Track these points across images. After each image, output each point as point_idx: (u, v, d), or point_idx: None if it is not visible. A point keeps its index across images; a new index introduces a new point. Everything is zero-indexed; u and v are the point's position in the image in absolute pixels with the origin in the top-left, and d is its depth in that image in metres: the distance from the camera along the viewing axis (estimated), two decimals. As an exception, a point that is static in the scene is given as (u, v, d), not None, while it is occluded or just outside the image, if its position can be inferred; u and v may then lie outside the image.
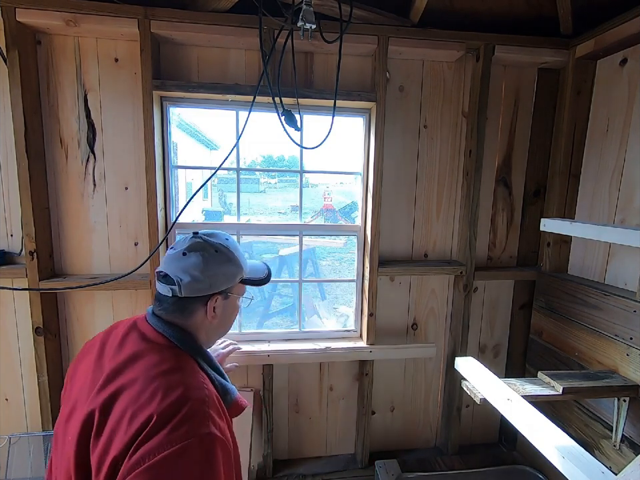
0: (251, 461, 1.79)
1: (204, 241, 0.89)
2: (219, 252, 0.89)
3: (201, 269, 0.85)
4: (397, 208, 1.87)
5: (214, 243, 0.90)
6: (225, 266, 0.90)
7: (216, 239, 0.92)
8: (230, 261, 0.91)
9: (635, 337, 1.36)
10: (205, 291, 0.86)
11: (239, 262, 0.94)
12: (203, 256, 0.87)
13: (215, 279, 0.87)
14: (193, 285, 0.85)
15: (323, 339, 1.91)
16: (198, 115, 12.06)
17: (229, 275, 0.91)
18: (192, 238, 0.90)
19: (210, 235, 0.93)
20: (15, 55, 1.46)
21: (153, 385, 0.73)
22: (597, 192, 1.70)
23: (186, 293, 0.85)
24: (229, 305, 0.94)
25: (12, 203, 1.63)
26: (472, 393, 1.38)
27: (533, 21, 1.74)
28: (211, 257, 0.88)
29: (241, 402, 0.90)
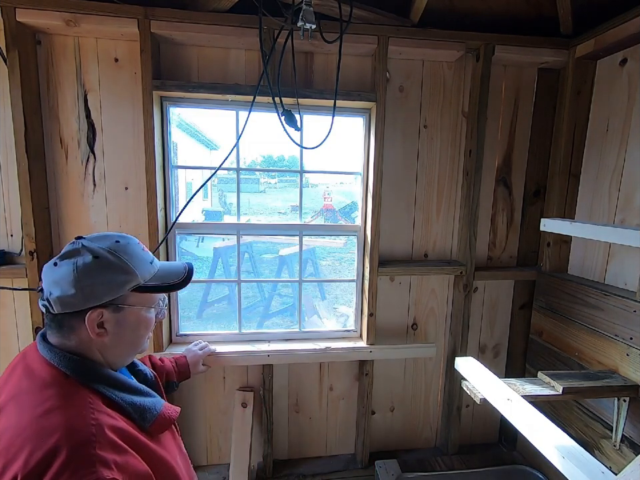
0: (251, 461, 1.80)
1: (82, 246, 0.75)
2: (99, 258, 0.74)
3: (71, 279, 0.72)
4: (397, 208, 1.87)
5: (94, 247, 0.75)
6: (105, 274, 0.74)
7: (101, 242, 0.77)
8: (113, 267, 0.75)
9: (635, 337, 1.36)
10: (79, 305, 0.72)
11: (129, 267, 0.77)
12: (75, 264, 0.73)
13: (90, 289, 0.72)
14: (63, 300, 0.72)
15: (323, 339, 1.91)
16: (198, 114, 12.07)
17: (112, 285, 0.75)
18: (70, 243, 0.77)
19: (95, 238, 0.78)
20: (14, 55, 1.46)
21: (22, 436, 0.62)
22: (597, 192, 1.70)
23: (58, 309, 0.72)
24: (127, 318, 0.79)
25: (12, 203, 1.63)
26: (472, 393, 1.38)
27: (532, 21, 1.74)
28: (86, 265, 0.73)
29: (168, 414, 0.81)
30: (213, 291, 5.28)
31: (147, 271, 0.81)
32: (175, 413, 0.84)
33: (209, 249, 7.08)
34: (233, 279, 1.87)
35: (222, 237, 5.64)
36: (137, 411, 0.76)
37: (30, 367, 0.74)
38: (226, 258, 4.89)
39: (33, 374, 0.72)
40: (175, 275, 0.89)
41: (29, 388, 0.70)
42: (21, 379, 0.72)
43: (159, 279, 0.84)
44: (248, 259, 5.49)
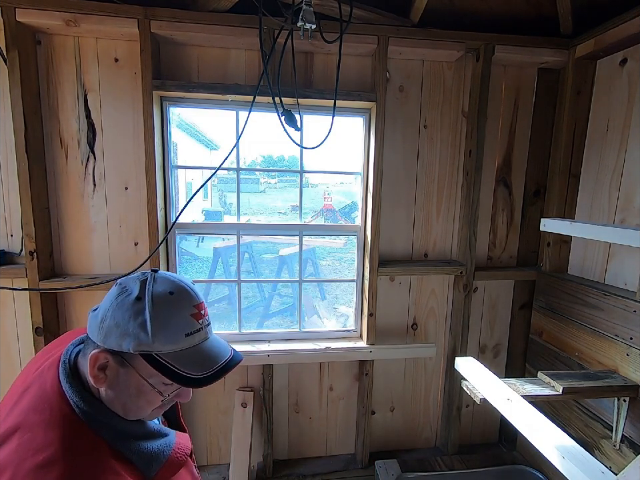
0: (251, 461, 1.80)
1: (141, 282, 0.66)
2: (140, 300, 0.64)
3: (107, 306, 0.64)
4: (396, 208, 1.87)
5: (147, 288, 0.65)
6: (126, 319, 0.62)
7: (162, 285, 0.66)
8: (136, 317, 0.63)
9: (635, 337, 1.36)
10: (95, 337, 0.64)
11: (148, 325, 0.62)
12: (117, 297, 0.64)
13: (109, 328, 0.63)
14: (94, 322, 0.64)
15: (323, 339, 1.91)
16: (198, 114, 12.06)
17: (123, 334, 0.62)
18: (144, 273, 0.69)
19: (167, 277, 0.68)
20: (15, 55, 1.46)
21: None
22: (597, 192, 1.70)
23: (88, 332, 0.66)
24: (129, 379, 0.66)
25: (12, 203, 1.63)
26: (472, 393, 1.38)
27: (532, 21, 1.74)
28: (123, 301, 0.64)
29: (177, 458, 0.72)
30: (213, 291, 5.28)
31: (170, 341, 0.64)
32: (183, 454, 0.73)
33: (208, 249, 7.08)
34: (233, 279, 1.87)
35: (222, 237, 5.64)
36: (143, 460, 0.67)
37: (43, 394, 0.65)
38: (226, 258, 4.89)
39: (43, 407, 0.64)
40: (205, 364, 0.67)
41: (36, 424, 0.62)
42: (29, 409, 0.64)
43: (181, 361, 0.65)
44: (248, 259, 5.49)
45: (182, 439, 0.76)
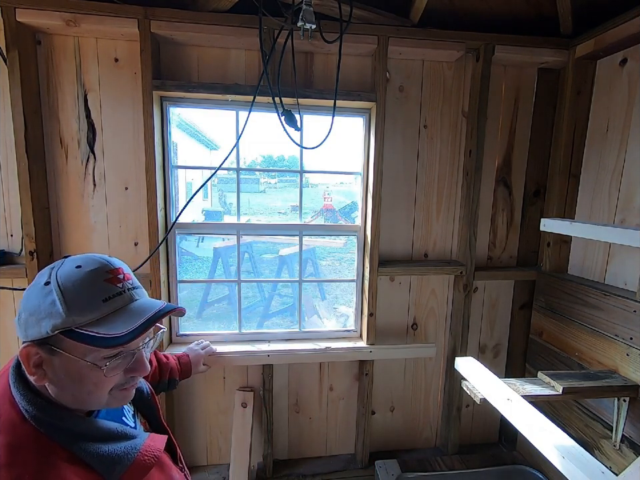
0: (251, 461, 1.80)
1: (51, 267, 0.65)
2: (47, 284, 0.62)
3: (22, 305, 0.63)
4: (397, 208, 1.87)
5: (55, 272, 0.63)
6: (37, 305, 0.61)
7: (67, 264, 0.64)
8: (45, 299, 0.60)
9: (635, 337, 1.36)
10: (21, 336, 0.63)
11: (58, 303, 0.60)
12: (30, 287, 0.64)
13: (25, 321, 0.62)
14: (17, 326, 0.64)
15: (323, 339, 1.91)
16: (198, 114, 12.06)
17: (37, 318, 0.60)
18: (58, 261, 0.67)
19: (75, 257, 0.66)
20: (15, 54, 1.46)
21: None
22: (597, 192, 1.70)
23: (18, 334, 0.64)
24: (65, 365, 0.62)
25: (12, 203, 1.63)
26: (472, 393, 1.38)
27: (532, 21, 1.74)
28: (32, 291, 0.63)
29: (146, 459, 0.67)
30: (213, 291, 5.28)
31: (88, 310, 0.61)
32: (152, 457, 0.68)
33: (209, 249, 7.08)
34: (233, 279, 1.87)
35: (222, 237, 5.64)
36: (104, 463, 0.63)
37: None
38: (226, 258, 4.89)
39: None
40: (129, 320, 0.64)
41: None
42: None
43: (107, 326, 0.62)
44: (248, 259, 5.49)
45: (153, 440, 0.71)
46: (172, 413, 1.84)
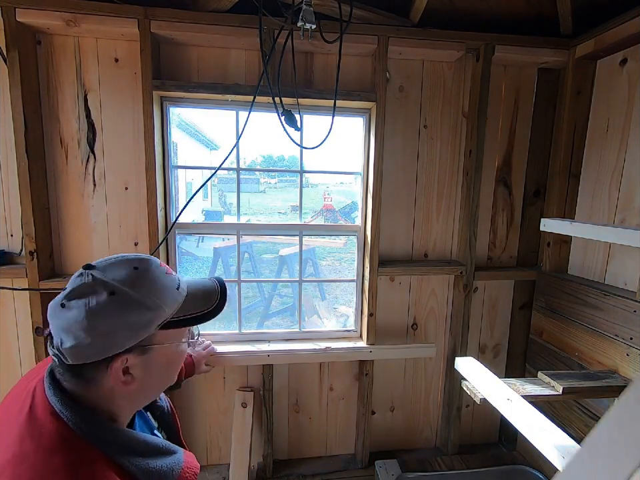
0: (251, 461, 1.80)
1: (93, 280, 0.61)
2: (115, 294, 0.60)
3: (85, 325, 0.58)
4: (396, 208, 1.87)
5: (108, 281, 0.61)
6: (125, 315, 0.60)
7: (115, 271, 0.62)
8: (134, 305, 0.61)
9: (635, 337, 1.36)
10: (98, 356, 0.60)
11: (154, 301, 0.63)
12: (88, 305, 0.59)
13: (109, 336, 0.60)
14: (78, 351, 0.59)
15: (323, 339, 1.91)
16: (198, 114, 12.05)
17: (135, 326, 0.61)
18: (78, 276, 0.62)
19: (109, 265, 0.63)
20: (15, 54, 1.46)
21: None
22: (597, 192, 1.70)
23: (73, 361, 0.59)
24: (155, 358, 0.66)
25: (12, 203, 1.63)
26: (472, 393, 1.38)
27: (532, 21, 1.74)
28: (101, 306, 0.59)
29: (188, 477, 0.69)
30: (213, 291, 5.27)
31: (174, 301, 0.67)
32: (193, 474, 0.70)
33: (209, 249, 7.07)
34: (233, 279, 1.87)
35: (222, 237, 5.63)
36: (151, 478, 0.63)
37: (35, 420, 0.60)
38: (226, 258, 4.89)
39: (39, 431, 0.58)
40: (208, 298, 0.74)
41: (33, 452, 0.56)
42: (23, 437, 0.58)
43: (186, 309, 0.69)
44: (248, 259, 5.48)
45: (190, 457, 0.73)
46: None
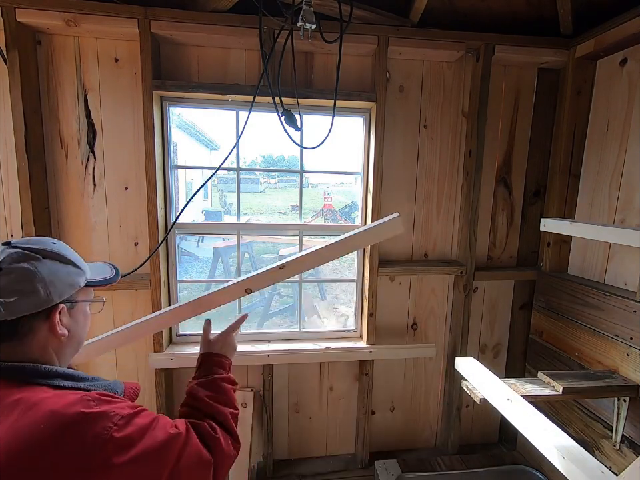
0: (251, 461, 1.79)
1: (23, 250, 0.72)
2: (47, 257, 0.74)
3: (31, 279, 0.69)
4: (397, 208, 1.87)
5: (38, 248, 0.74)
6: (62, 271, 0.75)
7: (38, 244, 0.76)
8: (66, 264, 0.76)
9: (634, 337, 1.36)
10: (42, 305, 0.70)
11: (79, 265, 0.79)
12: (33, 265, 0.71)
13: (52, 287, 0.72)
14: (23, 302, 0.68)
15: (323, 339, 1.91)
16: (198, 114, 12.06)
17: (70, 280, 0.76)
18: (6, 250, 0.72)
19: (28, 242, 0.76)
20: (15, 54, 1.46)
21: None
22: (597, 192, 1.69)
23: (16, 314, 0.68)
24: (77, 314, 0.80)
25: (12, 203, 1.63)
26: (472, 393, 1.38)
27: (533, 21, 1.74)
28: (43, 264, 0.72)
29: (133, 385, 0.83)
30: (213, 291, 5.27)
31: (86, 268, 0.83)
32: (136, 389, 0.84)
33: (208, 249, 7.06)
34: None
35: (222, 237, 5.63)
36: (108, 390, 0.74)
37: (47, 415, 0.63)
38: (226, 258, 4.89)
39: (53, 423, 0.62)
40: (105, 271, 0.91)
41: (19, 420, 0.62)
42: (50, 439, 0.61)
43: (95, 275, 0.86)
44: (248, 259, 5.48)
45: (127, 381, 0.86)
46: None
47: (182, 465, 0.70)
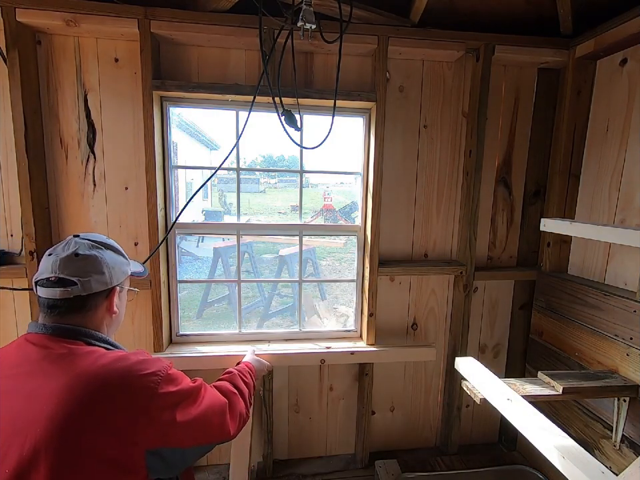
0: (251, 461, 1.79)
1: (90, 241, 0.93)
2: (108, 248, 0.95)
3: (102, 265, 0.90)
4: (397, 208, 1.87)
5: (100, 241, 0.95)
6: (119, 260, 0.96)
7: (98, 238, 0.96)
8: (120, 255, 0.98)
9: (634, 337, 1.36)
10: (107, 285, 0.91)
11: (127, 257, 1.01)
12: (100, 254, 0.91)
13: (113, 272, 0.92)
14: (95, 282, 0.88)
15: (323, 339, 1.91)
16: (198, 114, 12.06)
17: (124, 269, 0.97)
18: (77, 241, 0.92)
19: (88, 236, 0.95)
20: (15, 54, 1.46)
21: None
22: (597, 192, 1.69)
23: (88, 290, 0.87)
24: (122, 298, 1.00)
25: (12, 203, 1.63)
26: (472, 393, 1.38)
27: (532, 21, 1.74)
28: (105, 253, 0.92)
29: None
30: (213, 291, 5.28)
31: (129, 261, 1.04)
32: None
33: (208, 249, 7.07)
34: (233, 279, 1.87)
35: (222, 237, 5.64)
36: None
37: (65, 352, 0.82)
38: (226, 258, 4.89)
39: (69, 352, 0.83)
40: (139, 265, 1.14)
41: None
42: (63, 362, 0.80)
43: (133, 267, 1.06)
44: (248, 259, 5.48)
45: None
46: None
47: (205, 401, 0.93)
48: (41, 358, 0.80)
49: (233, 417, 1.02)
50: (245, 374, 1.28)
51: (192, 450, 0.88)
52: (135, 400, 0.78)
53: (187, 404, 0.87)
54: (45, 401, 0.73)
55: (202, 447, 0.92)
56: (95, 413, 0.74)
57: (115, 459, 0.74)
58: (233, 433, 1.01)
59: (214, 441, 0.96)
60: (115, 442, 0.74)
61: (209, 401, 0.95)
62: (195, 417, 0.87)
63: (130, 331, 1.77)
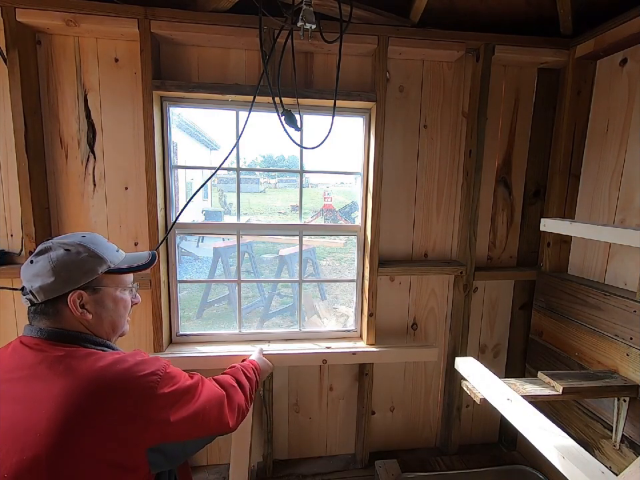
0: (251, 461, 1.79)
1: (52, 244, 0.88)
2: (68, 251, 0.87)
3: (49, 269, 0.84)
4: (397, 208, 1.87)
5: (63, 242, 0.89)
6: (77, 261, 0.87)
7: (68, 239, 0.91)
8: (83, 255, 0.88)
9: (634, 337, 1.36)
10: (60, 290, 0.85)
11: (97, 253, 0.90)
12: (50, 257, 0.86)
13: (67, 275, 0.85)
14: (45, 288, 0.84)
15: (323, 339, 1.91)
16: (198, 114, 12.06)
17: (85, 269, 0.88)
18: (41, 244, 0.89)
19: (63, 237, 0.92)
20: (15, 54, 1.46)
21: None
22: (597, 192, 1.70)
23: (42, 298, 0.84)
24: (104, 299, 0.92)
25: (12, 203, 1.63)
26: (472, 393, 1.38)
27: (532, 21, 1.74)
28: (59, 256, 0.86)
29: None
30: (213, 291, 5.28)
31: (114, 257, 0.95)
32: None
33: (208, 249, 7.07)
34: (233, 279, 1.87)
35: (222, 237, 5.64)
36: None
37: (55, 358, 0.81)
38: (226, 258, 4.89)
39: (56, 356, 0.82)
40: (140, 259, 1.03)
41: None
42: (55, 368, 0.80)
43: (127, 263, 0.98)
44: (248, 259, 5.48)
45: None
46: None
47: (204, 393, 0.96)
48: (38, 362, 0.80)
49: (231, 409, 1.04)
50: (248, 369, 1.31)
51: (192, 442, 0.90)
52: (134, 402, 0.79)
53: (185, 401, 0.88)
54: (44, 406, 0.73)
55: (202, 439, 0.94)
56: (94, 417, 0.74)
57: (116, 460, 0.74)
58: (232, 424, 1.03)
59: (213, 433, 0.98)
60: (116, 444, 0.75)
61: (207, 395, 0.96)
62: (194, 411, 0.89)
63: (130, 331, 1.76)
